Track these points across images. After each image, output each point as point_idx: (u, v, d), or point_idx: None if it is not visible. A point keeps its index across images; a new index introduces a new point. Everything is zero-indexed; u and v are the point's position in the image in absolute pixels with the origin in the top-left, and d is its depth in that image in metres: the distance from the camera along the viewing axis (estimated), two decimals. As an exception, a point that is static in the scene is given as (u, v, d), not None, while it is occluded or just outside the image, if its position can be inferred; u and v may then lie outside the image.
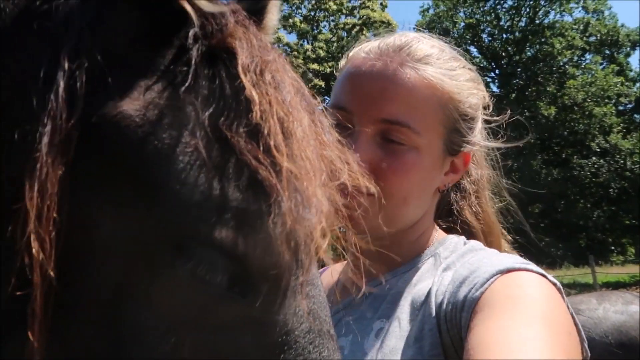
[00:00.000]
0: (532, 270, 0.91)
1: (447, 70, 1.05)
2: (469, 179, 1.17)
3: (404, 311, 0.97)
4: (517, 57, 28.99)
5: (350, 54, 1.12)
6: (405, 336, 0.93)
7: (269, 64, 0.55)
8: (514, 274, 0.89)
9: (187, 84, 0.51)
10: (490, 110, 1.15)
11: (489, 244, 1.13)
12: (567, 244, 27.32)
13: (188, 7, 0.53)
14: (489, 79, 29.51)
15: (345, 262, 1.17)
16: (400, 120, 0.99)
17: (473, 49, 29.61)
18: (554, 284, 0.91)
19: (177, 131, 0.50)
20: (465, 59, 1.12)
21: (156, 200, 0.49)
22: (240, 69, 0.53)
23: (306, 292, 0.56)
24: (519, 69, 29.04)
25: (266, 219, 0.50)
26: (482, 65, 29.90)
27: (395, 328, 0.95)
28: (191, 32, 0.53)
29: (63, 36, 0.51)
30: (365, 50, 1.07)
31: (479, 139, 1.11)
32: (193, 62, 0.52)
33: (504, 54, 29.46)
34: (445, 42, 1.12)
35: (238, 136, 0.50)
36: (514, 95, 27.70)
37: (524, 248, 1.18)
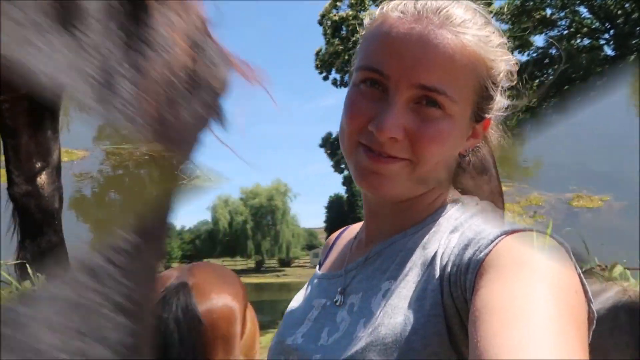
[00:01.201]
0: (538, 231, 0.90)
1: (484, 36, 1.03)
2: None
3: (410, 272, 0.99)
4: (637, 14, 26.10)
5: (377, 12, 1.09)
6: (409, 296, 0.95)
7: None
8: (519, 234, 0.88)
9: None
10: (515, 77, 1.11)
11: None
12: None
13: None
14: (602, 41, 26.96)
15: (363, 222, 1.24)
16: (438, 88, 0.99)
17: (583, 10, 27.10)
18: (561, 244, 0.88)
19: None
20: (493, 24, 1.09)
21: None
22: None
23: None
24: (638, 28, 26.16)
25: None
26: (594, 27, 27.38)
27: (401, 289, 0.98)
28: None
29: None
30: (399, 9, 1.05)
31: (498, 103, 1.11)
32: None
33: (619, 12, 26.65)
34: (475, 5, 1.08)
35: None
36: (632, 57, 25.07)
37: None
